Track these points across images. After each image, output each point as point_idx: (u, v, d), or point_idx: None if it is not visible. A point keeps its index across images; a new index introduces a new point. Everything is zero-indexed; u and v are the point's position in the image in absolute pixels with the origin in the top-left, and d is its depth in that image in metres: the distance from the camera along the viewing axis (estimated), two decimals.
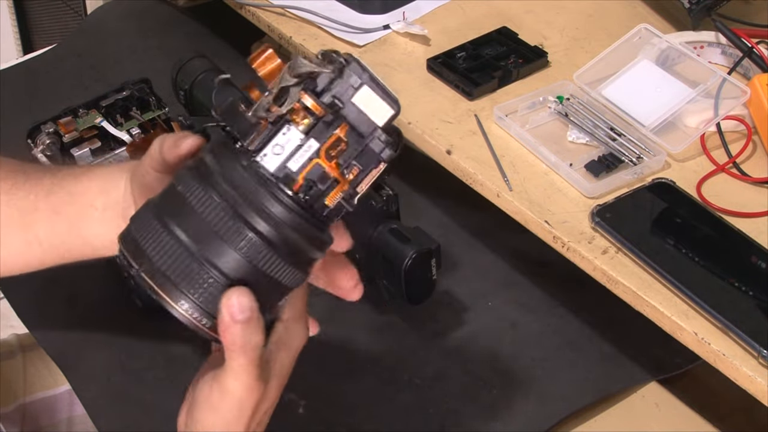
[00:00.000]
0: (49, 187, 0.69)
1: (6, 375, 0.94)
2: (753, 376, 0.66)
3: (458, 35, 0.96)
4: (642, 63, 0.87)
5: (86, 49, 1.27)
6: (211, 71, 1.07)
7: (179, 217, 0.53)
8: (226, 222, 0.52)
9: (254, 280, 0.53)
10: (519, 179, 0.81)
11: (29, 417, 0.93)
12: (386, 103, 0.54)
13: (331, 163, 0.53)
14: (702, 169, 0.81)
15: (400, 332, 0.91)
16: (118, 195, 0.66)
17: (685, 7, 0.90)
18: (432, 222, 0.99)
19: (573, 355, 0.89)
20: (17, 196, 0.69)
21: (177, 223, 0.53)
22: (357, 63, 0.53)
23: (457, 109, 0.88)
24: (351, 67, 0.53)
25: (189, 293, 0.53)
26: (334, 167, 0.53)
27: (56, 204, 0.68)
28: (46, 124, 0.97)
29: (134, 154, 0.96)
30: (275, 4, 1.02)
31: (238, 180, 0.52)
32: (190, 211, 0.53)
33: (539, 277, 0.95)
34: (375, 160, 0.54)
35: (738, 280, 0.71)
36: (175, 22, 1.31)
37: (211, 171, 0.53)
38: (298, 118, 0.52)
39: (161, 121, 1.00)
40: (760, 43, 0.86)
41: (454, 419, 0.84)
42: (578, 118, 0.85)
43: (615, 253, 0.75)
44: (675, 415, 0.85)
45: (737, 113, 0.82)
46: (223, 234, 0.52)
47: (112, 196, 0.67)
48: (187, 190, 0.53)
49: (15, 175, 0.70)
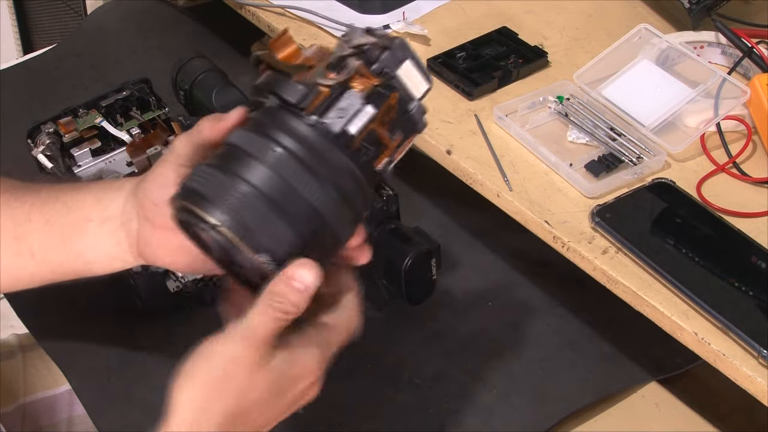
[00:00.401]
0: (44, 199, 0.69)
1: (6, 375, 0.94)
2: (753, 376, 0.66)
3: (458, 35, 0.96)
4: (642, 63, 0.87)
5: (86, 49, 1.27)
6: (211, 71, 1.07)
7: (247, 168, 0.55)
8: (299, 174, 0.55)
9: (320, 230, 0.56)
10: (519, 179, 0.81)
11: (29, 417, 0.93)
12: (423, 78, 0.58)
13: (383, 129, 0.57)
14: (702, 169, 0.81)
15: (400, 332, 0.91)
16: (115, 209, 0.67)
17: (685, 7, 0.90)
18: (432, 222, 0.99)
19: (573, 355, 0.89)
20: (12, 207, 0.69)
21: (245, 173, 0.55)
22: (402, 40, 0.57)
23: (457, 109, 0.88)
24: (398, 41, 0.57)
25: (263, 240, 0.54)
26: (384, 133, 0.57)
27: (50, 215, 0.68)
28: (46, 124, 0.97)
29: (134, 154, 0.96)
30: (275, 4, 1.02)
31: (307, 137, 0.55)
32: (257, 164, 0.55)
33: (539, 277, 0.95)
34: (413, 129, 0.59)
35: (738, 280, 0.71)
36: (175, 22, 1.31)
37: (272, 130, 0.55)
38: (357, 85, 0.56)
39: (161, 121, 1.00)
40: (760, 43, 0.86)
41: (454, 419, 0.84)
42: (578, 118, 0.85)
43: (615, 253, 0.75)
44: (675, 415, 0.85)
45: (737, 113, 0.82)
46: (297, 186, 0.54)
47: (109, 210, 0.67)
48: (251, 144, 0.56)
49: (14, 189, 0.70)
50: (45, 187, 0.70)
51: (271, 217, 0.54)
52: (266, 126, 0.56)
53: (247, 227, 0.54)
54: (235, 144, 0.57)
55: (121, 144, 0.98)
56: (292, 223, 0.55)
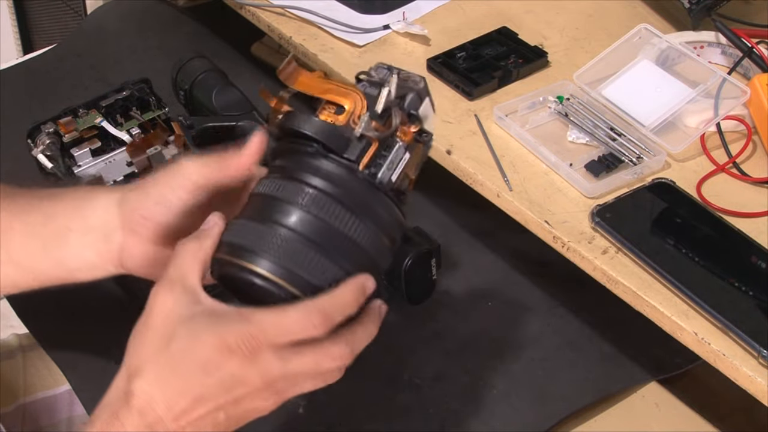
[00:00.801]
0: (24, 207, 0.69)
1: (6, 375, 0.94)
2: (753, 376, 0.66)
3: (458, 35, 0.96)
4: (642, 63, 0.87)
5: (86, 49, 1.27)
6: (211, 71, 1.07)
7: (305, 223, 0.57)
8: (340, 215, 0.57)
9: (365, 263, 0.59)
10: (519, 179, 0.81)
11: (29, 417, 0.93)
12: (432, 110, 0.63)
13: (412, 169, 0.61)
14: (702, 169, 0.81)
15: (400, 332, 0.91)
16: (96, 220, 0.67)
17: (685, 7, 0.90)
18: (432, 222, 0.99)
19: (573, 355, 0.89)
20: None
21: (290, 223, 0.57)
22: (425, 81, 0.62)
23: (457, 109, 0.88)
24: (422, 84, 0.61)
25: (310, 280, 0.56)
26: (412, 172, 0.61)
27: (31, 224, 0.68)
28: (46, 124, 0.97)
29: (134, 154, 0.96)
30: (275, 4, 1.02)
31: (352, 188, 0.58)
32: (314, 219, 0.57)
33: (539, 277, 0.95)
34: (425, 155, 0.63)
35: (738, 280, 0.71)
36: (175, 22, 1.32)
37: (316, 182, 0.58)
38: (401, 136, 0.59)
39: (161, 121, 1.00)
40: (760, 43, 0.86)
41: (454, 419, 0.84)
42: (578, 118, 0.85)
43: (615, 253, 0.75)
44: (675, 415, 0.85)
45: (737, 113, 0.82)
46: (339, 226, 0.57)
47: (90, 220, 0.67)
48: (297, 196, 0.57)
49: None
50: (22, 194, 0.71)
51: (312, 256, 0.57)
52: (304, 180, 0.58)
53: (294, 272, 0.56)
54: (275, 197, 0.58)
55: (121, 144, 0.98)
56: (335, 259, 0.57)
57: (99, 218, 0.67)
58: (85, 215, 0.67)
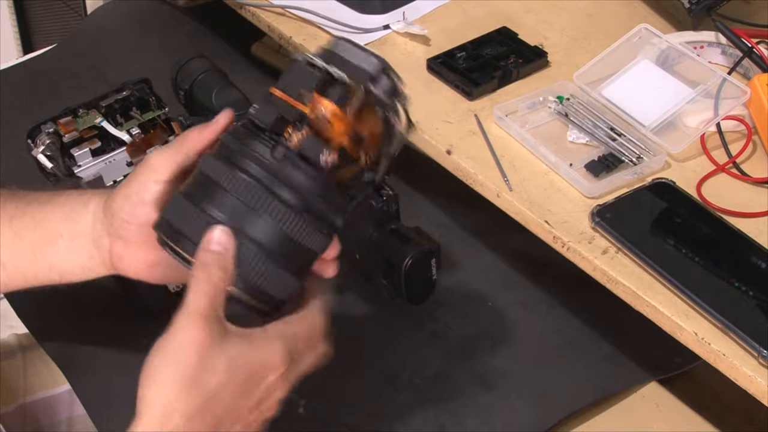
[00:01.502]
0: (12, 212, 0.69)
1: (6, 375, 0.94)
2: (753, 376, 0.66)
3: (458, 35, 0.96)
4: (642, 63, 0.87)
5: (86, 49, 1.27)
6: (211, 71, 1.07)
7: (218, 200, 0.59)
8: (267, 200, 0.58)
9: (288, 247, 0.59)
10: (519, 179, 0.81)
11: (29, 417, 0.93)
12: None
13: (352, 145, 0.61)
14: (702, 169, 0.81)
15: (400, 332, 0.91)
16: (85, 225, 0.67)
17: (685, 7, 0.89)
18: (432, 222, 0.99)
19: (573, 355, 0.89)
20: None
21: (214, 208, 0.59)
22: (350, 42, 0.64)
23: (457, 109, 0.88)
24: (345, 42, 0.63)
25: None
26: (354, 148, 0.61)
27: (19, 229, 0.69)
28: (46, 124, 0.97)
29: (134, 154, 0.96)
30: (275, 4, 1.02)
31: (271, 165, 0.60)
32: (225, 194, 0.59)
33: (539, 277, 0.95)
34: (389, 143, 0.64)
35: (738, 280, 0.71)
36: (175, 22, 1.31)
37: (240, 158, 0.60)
38: (311, 110, 0.61)
39: (161, 121, 1.00)
40: (760, 43, 0.86)
41: (454, 419, 0.84)
42: (578, 118, 0.85)
43: (615, 253, 0.75)
44: (675, 415, 0.85)
45: (737, 113, 0.82)
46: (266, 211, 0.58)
47: (78, 225, 0.67)
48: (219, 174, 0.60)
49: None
50: (14, 199, 0.71)
51: (240, 242, 0.58)
52: (234, 154, 0.60)
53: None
54: (206, 174, 0.60)
55: (121, 144, 0.97)
56: (261, 245, 0.58)
57: (88, 224, 0.67)
58: (75, 220, 0.68)
